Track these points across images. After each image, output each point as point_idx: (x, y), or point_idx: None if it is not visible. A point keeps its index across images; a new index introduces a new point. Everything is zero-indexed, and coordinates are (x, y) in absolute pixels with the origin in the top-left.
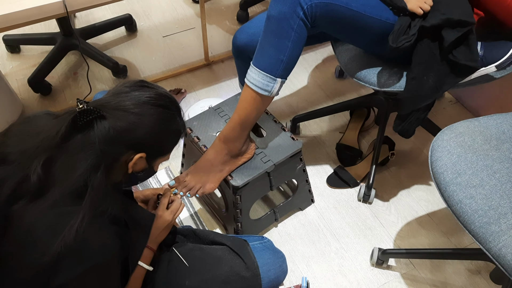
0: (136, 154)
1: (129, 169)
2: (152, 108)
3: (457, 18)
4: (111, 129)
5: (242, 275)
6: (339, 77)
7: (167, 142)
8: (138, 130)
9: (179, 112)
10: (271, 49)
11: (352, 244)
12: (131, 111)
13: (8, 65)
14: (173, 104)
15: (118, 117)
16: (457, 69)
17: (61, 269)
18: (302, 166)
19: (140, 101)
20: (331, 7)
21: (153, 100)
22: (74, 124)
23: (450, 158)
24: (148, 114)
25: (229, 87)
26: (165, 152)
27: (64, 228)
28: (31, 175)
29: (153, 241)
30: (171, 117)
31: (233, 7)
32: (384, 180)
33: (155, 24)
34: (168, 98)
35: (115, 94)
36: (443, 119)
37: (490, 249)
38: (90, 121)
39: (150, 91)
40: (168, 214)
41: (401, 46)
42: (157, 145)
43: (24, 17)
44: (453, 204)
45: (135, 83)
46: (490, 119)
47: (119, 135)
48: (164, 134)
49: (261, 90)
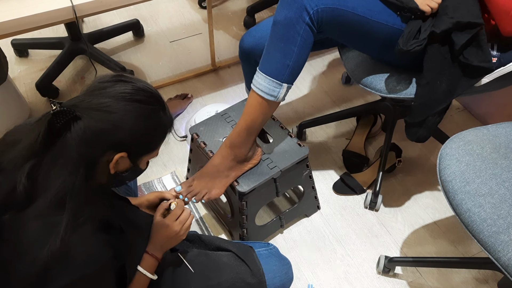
0: (116, 154)
1: (110, 169)
2: (128, 104)
3: (466, 21)
4: (86, 129)
5: (248, 282)
6: (346, 83)
7: (150, 139)
8: (115, 129)
9: (163, 106)
10: (277, 54)
11: (358, 251)
12: (105, 109)
13: (16, 69)
14: (153, 97)
15: (92, 117)
16: (470, 71)
17: (49, 279)
18: (308, 172)
19: (115, 97)
20: (337, 12)
21: (129, 95)
22: (51, 128)
23: (459, 166)
24: (124, 111)
25: (236, 93)
26: (150, 150)
27: (50, 238)
28: (18, 185)
29: (158, 249)
30: (151, 112)
31: (240, 13)
32: (391, 187)
33: (162, 29)
34: (147, 92)
35: (89, 91)
36: (450, 127)
37: (499, 259)
38: (66, 123)
39: (126, 85)
40: (176, 225)
41: (411, 49)
42: (138, 143)
43: (34, 22)
44: (462, 213)
45: (110, 78)
46: (499, 127)
47: (95, 136)
48: (145, 131)
49: (267, 95)
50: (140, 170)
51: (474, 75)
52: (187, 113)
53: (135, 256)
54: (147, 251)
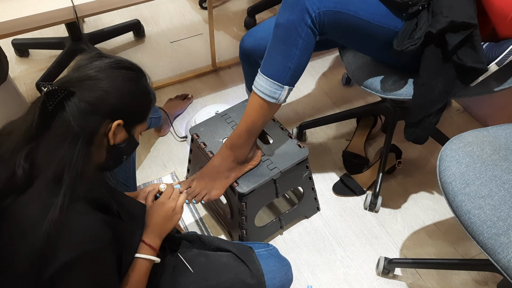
0: (114, 122)
1: (110, 140)
2: (115, 71)
3: (461, 21)
4: (81, 102)
5: (247, 282)
6: (346, 85)
7: (140, 105)
8: (107, 95)
9: (144, 76)
10: (279, 57)
11: (357, 252)
12: (95, 78)
13: (16, 69)
14: (136, 66)
15: (86, 88)
16: (464, 72)
17: (52, 256)
18: (308, 173)
19: (102, 67)
20: (339, 15)
21: (114, 64)
22: (45, 109)
23: (459, 167)
24: (112, 77)
25: (236, 93)
26: (141, 118)
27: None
28: (17, 169)
29: (156, 235)
30: (137, 78)
31: (240, 13)
32: (390, 189)
33: (163, 30)
34: (129, 62)
35: (75, 68)
36: (450, 128)
37: (499, 261)
38: (60, 102)
39: (109, 58)
40: (170, 201)
41: (405, 49)
42: (131, 109)
43: (34, 22)
44: (462, 215)
45: (92, 56)
46: (499, 129)
47: (91, 106)
48: (135, 95)
49: (268, 97)
50: (135, 142)
51: (468, 76)
52: (187, 114)
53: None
54: (144, 241)
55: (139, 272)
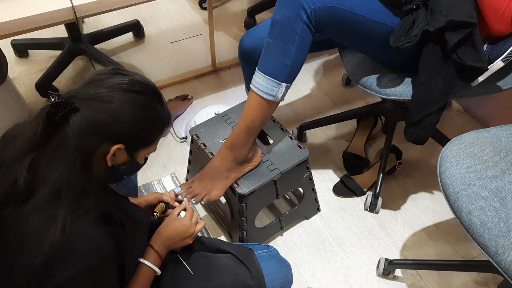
0: (113, 146)
1: (108, 162)
2: (125, 94)
3: (460, 20)
4: (84, 120)
5: (247, 284)
6: (346, 85)
7: (147, 131)
8: (112, 119)
9: (160, 99)
10: (276, 54)
11: (358, 253)
12: (102, 99)
13: (16, 69)
14: (151, 90)
15: (90, 107)
16: (465, 71)
17: (53, 271)
18: (308, 174)
19: (112, 88)
20: (335, 11)
21: (126, 85)
22: (50, 120)
23: (459, 169)
24: (121, 101)
25: (236, 94)
26: (148, 143)
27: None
28: (18, 178)
29: (166, 246)
30: (148, 104)
31: (240, 14)
32: (391, 190)
33: (162, 30)
34: (144, 84)
35: (87, 83)
36: (450, 129)
37: (500, 262)
38: (65, 114)
39: (123, 77)
40: (192, 226)
41: (401, 46)
42: (136, 135)
43: (34, 23)
44: (462, 216)
45: (108, 71)
46: (500, 130)
47: (92, 126)
48: (142, 122)
49: (266, 94)
50: (138, 164)
51: (469, 75)
52: (187, 114)
53: (135, 252)
54: (152, 246)
55: (143, 280)
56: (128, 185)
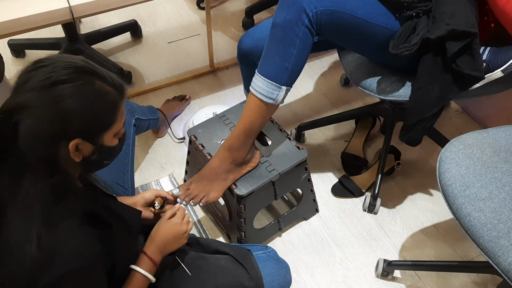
0: (69, 143)
1: (75, 159)
2: (49, 91)
3: (462, 29)
4: (26, 131)
5: (246, 285)
6: (345, 85)
7: (96, 115)
8: (47, 122)
9: (96, 74)
10: (276, 57)
11: (356, 254)
12: (29, 105)
13: (13, 70)
14: (80, 71)
15: (24, 116)
16: (461, 78)
17: (36, 276)
18: (307, 175)
19: (34, 89)
20: (336, 15)
21: (48, 81)
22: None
23: (459, 170)
24: (46, 100)
25: (234, 94)
26: (106, 125)
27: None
28: None
29: (160, 251)
30: (81, 89)
31: (238, 14)
32: (389, 190)
33: (160, 30)
34: (70, 68)
35: (14, 89)
36: (449, 129)
37: (500, 264)
38: (14, 128)
39: (44, 71)
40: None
41: (400, 53)
42: (84, 125)
43: (31, 23)
44: (462, 217)
45: (30, 68)
46: (499, 131)
47: (34, 134)
48: (82, 110)
49: (266, 98)
50: (110, 147)
51: (465, 83)
52: (185, 115)
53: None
54: (146, 254)
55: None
56: (124, 185)
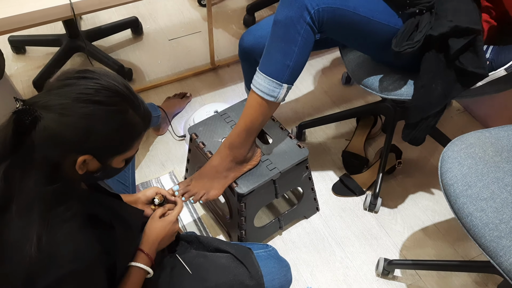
0: (79, 157)
1: (78, 171)
2: (85, 106)
3: (465, 26)
4: (44, 130)
5: (246, 284)
6: (346, 84)
7: (115, 141)
8: (70, 132)
9: (131, 103)
10: (278, 55)
11: (357, 253)
12: (60, 111)
13: (13, 66)
14: (118, 96)
15: (49, 117)
16: (465, 76)
17: (35, 278)
18: (308, 174)
19: (72, 98)
20: (338, 12)
21: (87, 96)
22: (17, 127)
23: (461, 169)
24: (80, 114)
25: (235, 92)
26: (120, 151)
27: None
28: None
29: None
30: (113, 114)
31: (239, 11)
32: (390, 189)
33: (161, 27)
34: (111, 91)
35: (49, 89)
36: (450, 128)
37: (501, 264)
38: (31, 121)
39: (87, 83)
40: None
41: (403, 51)
42: (101, 146)
43: (32, 19)
44: (463, 217)
45: (73, 75)
46: (501, 130)
47: (52, 137)
48: (106, 134)
49: (267, 95)
50: (115, 169)
51: (468, 80)
52: (185, 113)
53: (126, 252)
54: (142, 250)
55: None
56: (125, 183)
